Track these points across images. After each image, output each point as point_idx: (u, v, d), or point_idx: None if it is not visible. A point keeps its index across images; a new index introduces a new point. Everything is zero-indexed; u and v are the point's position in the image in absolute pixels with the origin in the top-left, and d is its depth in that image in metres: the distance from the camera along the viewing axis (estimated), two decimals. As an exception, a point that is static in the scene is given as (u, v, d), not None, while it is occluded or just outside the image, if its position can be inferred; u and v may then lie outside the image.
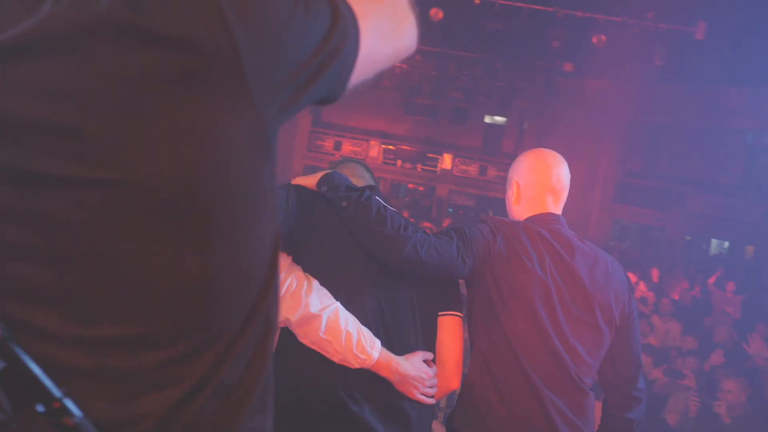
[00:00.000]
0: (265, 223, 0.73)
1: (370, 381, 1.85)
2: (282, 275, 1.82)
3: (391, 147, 19.21)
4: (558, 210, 2.24)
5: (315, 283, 1.86)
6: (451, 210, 19.05)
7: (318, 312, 1.79)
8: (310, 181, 2.02)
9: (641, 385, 2.24)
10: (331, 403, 1.83)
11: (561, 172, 2.25)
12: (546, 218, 2.18)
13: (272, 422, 0.81)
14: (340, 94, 0.81)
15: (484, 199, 18.67)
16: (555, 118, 15.34)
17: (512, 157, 17.82)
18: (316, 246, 1.92)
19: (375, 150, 19.21)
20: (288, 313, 1.80)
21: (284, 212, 1.85)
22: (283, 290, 1.82)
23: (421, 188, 20.21)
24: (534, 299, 2.00)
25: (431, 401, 1.95)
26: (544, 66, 11.65)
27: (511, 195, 2.28)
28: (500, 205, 17.81)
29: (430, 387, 1.93)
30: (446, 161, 18.67)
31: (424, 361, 1.94)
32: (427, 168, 18.98)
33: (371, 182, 2.23)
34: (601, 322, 2.07)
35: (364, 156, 19.28)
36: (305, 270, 1.88)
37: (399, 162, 19.04)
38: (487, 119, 19.40)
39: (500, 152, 18.96)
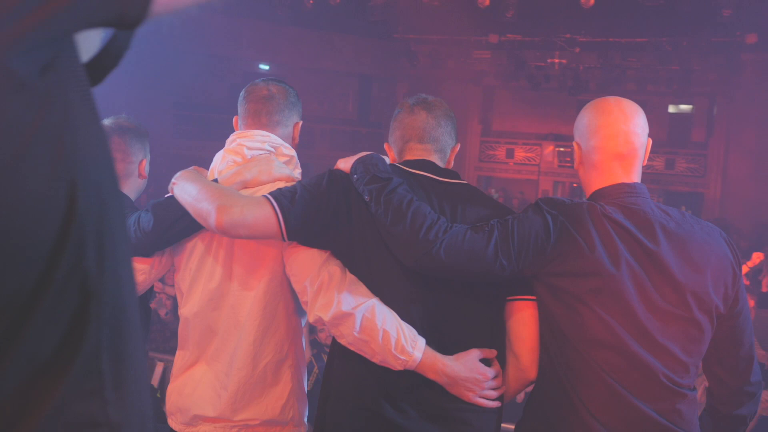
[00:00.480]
0: (34, 167, 0.62)
1: (419, 385, 1.74)
2: (317, 271, 1.78)
3: (566, 149, 18.56)
4: (632, 177, 1.84)
5: (351, 278, 1.78)
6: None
7: (351, 310, 1.70)
8: (348, 164, 1.88)
9: (755, 378, 1.90)
10: (369, 414, 1.75)
11: (630, 129, 1.84)
12: (617, 191, 1.81)
13: (140, 410, 0.73)
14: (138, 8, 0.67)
15: (673, 194, 17.29)
16: (748, 100, 13.88)
17: (703, 146, 16.44)
18: (357, 239, 1.80)
19: (549, 154, 18.69)
20: (321, 312, 1.74)
21: (288, 201, 1.76)
22: (315, 287, 1.76)
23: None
24: (605, 302, 1.71)
25: (493, 404, 1.79)
26: (721, 42, 10.57)
27: (575, 159, 1.94)
28: (693, 199, 16.51)
29: (493, 389, 1.78)
30: (627, 158, 17.61)
31: (484, 360, 1.78)
32: (606, 168, 18.03)
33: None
34: (697, 313, 1.75)
35: (539, 161, 18.83)
36: (346, 265, 1.81)
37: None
38: (671, 108, 18.02)
39: (689, 142, 17.50)
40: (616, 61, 12.22)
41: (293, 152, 2.10)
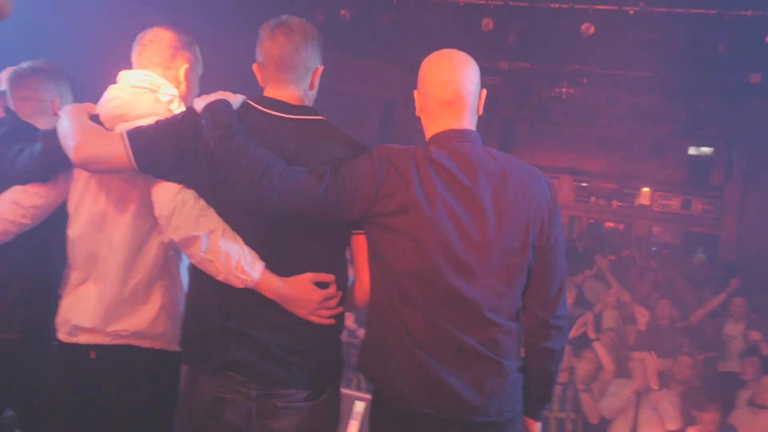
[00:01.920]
0: None
1: (259, 302, 1.95)
2: (171, 198, 1.96)
3: (583, 184, 18.61)
4: (463, 124, 2.01)
5: (202, 205, 1.97)
6: (655, 249, 17.74)
7: (198, 233, 1.92)
8: (201, 105, 1.98)
9: (562, 311, 2.06)
10: (215, 326, 1.97)
11: (457, 78, 1.99)
12: (447, 136, 1.99)
13: None
14: None
15: (690, 234, 17.17)
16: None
17: (721, 189, 16.21)
18: (204, 178, 1.96)
19: (567, 188, 18.73)
20: (172, 234, 1.95)
21: (141, 139, 1.96)
22: (168, 212, 1.96)
23: (621, 227, 19.15)
24: (423, 237, 1.87)
25: (326, 321, 1.99)
26: (724, 79, 10.65)
27: (416, 107, 2.10)
28: (710, 241, 16.31)
29: (327, 308, 1.98)
30: (644, 196, 17.56)
31: (321, 284, 1.98)
32: (623, 204, 18.01)
33: None
34: (514, 246, 1.92)
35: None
36: (199, 194, 1.99)
37: (593, 199, 18.33)
38: (692, 150, 17.97)
39: (707, 185, 17.40)
40: (623, 96, 12.35)
41: (175, 92, 2.28)
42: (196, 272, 2.05)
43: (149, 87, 2.22)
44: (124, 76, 2.27)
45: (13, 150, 2.40)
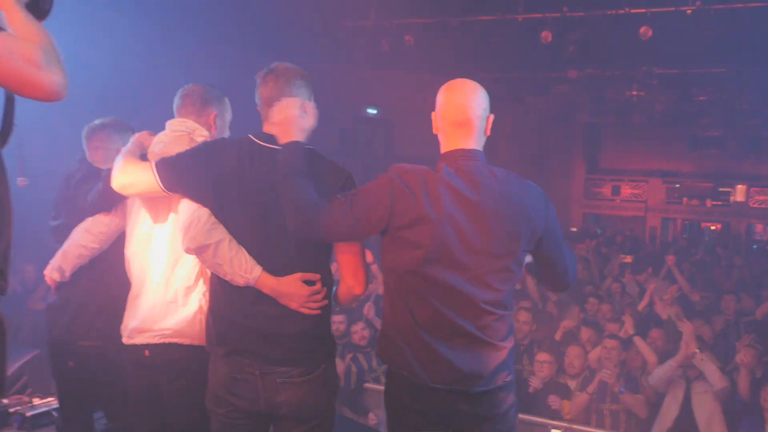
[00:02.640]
0: None
1: (260, 298, 2.30)
2: (189, 214, 2.36)
3: (674, 185, 18.17)
4: (471, 144, 2.22)
5: (213, 221, 2.31)
6: (756, 246, 17.01)
7: (210, 242, 2.28)
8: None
9: (569, 285, 2.47)
10: (227, 320, 2.38)
11: (467, 103, 2.21)
12: (455, 155, 2.21)
13: None
14: None
15: None
16: None
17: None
18: (216, 194, 2.31)
19: (657, 189, 18.35)
20: (189, 243, 2.35)
21: (165, 165, 2.35)
22: (186, 225, 2.36)
23: (717, 226, 18.50)
24: (431, 244, 2.10)
25: (314, 312, 2.32)
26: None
27: (433, 126, 2.32)
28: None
29: (314, 301, 2.31)
30: (739, 193, 16.93)
31: (309, 281, 2.31)
32: (717, 203, 17.42)
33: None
34: (509, 250, 2.18)
35: (645, 197, 18.53)
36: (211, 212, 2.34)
37: (684, 200, 17.85)
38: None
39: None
40: (693, 93, 12.15)
41: (205, 132, 2.68)
42: (213, 277, 2.42)
43: (186, 131, 2.71)
44: (168, 124, 2.78)
45: (85, 190, 2.99)
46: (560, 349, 5.67)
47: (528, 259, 2.35)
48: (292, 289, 2.30)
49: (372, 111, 17.72)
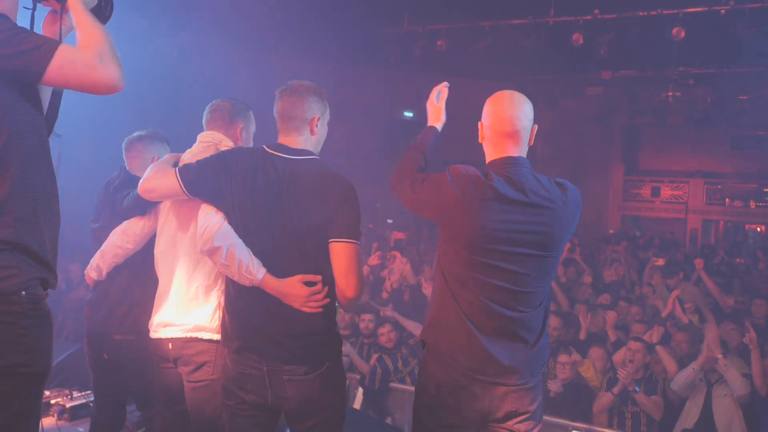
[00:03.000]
0: None
1: (264, 298, 2.45)
2: (204, 219, 2.53)
3: (715, 186, 17.84)
4: (518, 152, 2.34)
5: (226, 225, 2.49)
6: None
7: (220, 245, 2.44)
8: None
9: None
10: (238, 316, 2.53)
11: (516, 115, 2.33)
12: (503, 162, 2.32)
13: None
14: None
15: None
16: None
17: None
18: (229, 201, 2.50)
19: (698, 191, 18.04)
20: (202, 245, 2.49)
21: (187, 171, 2.53)
22: (202, 230, 2.49)
23: (762, 228, 18.09)
24: (475, 247, 2.26)
25: (315, 311, 2.45)
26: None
27: (479, 135, 2.45)
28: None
29: (315, 300, 2.45)
30: (784, 194, 16.54)
31: (309, 282, 2.45)
32: (761, 204, 17.04)
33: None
34: (554, 251, 2.30)
35: (686, 199, 18.23)
36: (227, 216, 2.50)
37: (727, 201, 17.51)
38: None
39: None
40: (730, 92, 11.95)
41: (231, 143, 2.89)
42: (227, 277, 2.57)
43: (213, 142, 2.94)
44: (199, 136, 3.02)
45: (122, 195, 3.22)
46: (585, 350, 5.75)
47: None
48: (293, 290, 2.44)
49: (408, 114, 18.06)
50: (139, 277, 3.26)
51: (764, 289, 8.85)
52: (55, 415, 4.49)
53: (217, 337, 2.73)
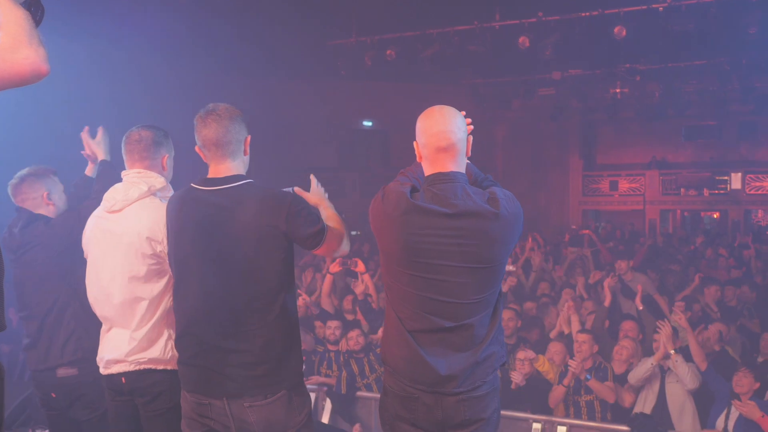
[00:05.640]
0: None
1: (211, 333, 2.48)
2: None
3: (670, 177, 18.29)
4: (455, 166, 2.31)
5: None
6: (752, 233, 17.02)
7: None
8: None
9: None
10: (195, 339, 2.51)
11: (449, 129, 2.29)
12: (437, 178, 2.31)
13: None
14: None
15: None
16: None
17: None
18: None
19: (654, 182, 18.48)
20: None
21: None
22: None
23: (716, 215, 18.60)
24: (402, 260, 2.29)
25: None
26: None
27: (417, 155, 2.42)
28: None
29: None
30: (735, 181, 17.04)
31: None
32: (715, 192, 17.53)
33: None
34: (487, 260, 2.27)
35: (643, 191, 18.65)
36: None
37: (682, 190, 17.97)
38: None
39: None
40: (676, 85, 12.31)
41: (162, 179, 2.82)
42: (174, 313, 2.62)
43: (147, 186, 2.81)
44: (124, 176, 2.88)
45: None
46: (545, 345, 5.89)
47: (510, 268, 2.46)
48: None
49: (367, 123, 17.90)
50: (69, 303, 3.24)
51: (713, 273, 9.12)
52: (18, 455, 4.41)
53: (171, 366, 2.71)
